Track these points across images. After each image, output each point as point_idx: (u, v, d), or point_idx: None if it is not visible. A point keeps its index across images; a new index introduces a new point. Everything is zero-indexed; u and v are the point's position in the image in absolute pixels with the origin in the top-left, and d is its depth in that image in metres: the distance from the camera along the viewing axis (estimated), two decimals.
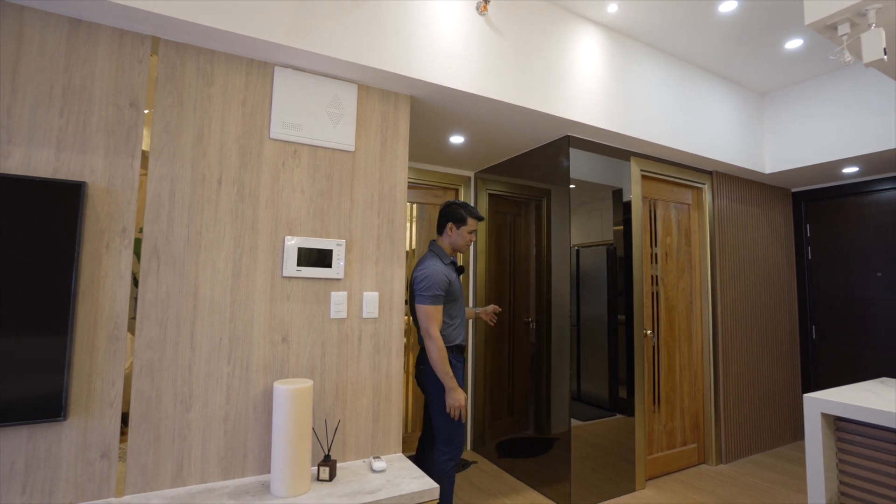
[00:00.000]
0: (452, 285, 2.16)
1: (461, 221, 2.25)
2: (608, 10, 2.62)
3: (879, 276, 3.58)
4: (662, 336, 3.28)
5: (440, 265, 2.13)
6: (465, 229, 2.25)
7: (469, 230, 2.26)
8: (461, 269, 2.31)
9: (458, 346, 2.20)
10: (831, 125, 3.30)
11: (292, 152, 1.93)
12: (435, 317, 2.06)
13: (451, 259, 2.23)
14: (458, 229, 2.25)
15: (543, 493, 2.82)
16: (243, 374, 1.77)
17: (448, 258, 2.21)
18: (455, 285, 2.18)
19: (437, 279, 2.08)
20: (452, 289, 2.16)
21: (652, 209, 3.31)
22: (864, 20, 1.71)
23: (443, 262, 2.16)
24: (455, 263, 2.27)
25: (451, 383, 2.03)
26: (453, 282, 2.17)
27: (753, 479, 3.14)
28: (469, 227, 2.26)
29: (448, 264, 2.19)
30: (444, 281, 2.09)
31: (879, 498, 1.54)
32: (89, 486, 1.51)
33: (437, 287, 2.07)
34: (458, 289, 2.21)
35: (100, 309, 1.56)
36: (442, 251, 2.23)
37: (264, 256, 1.84)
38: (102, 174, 1.60)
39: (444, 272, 2.11)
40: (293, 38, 1.79)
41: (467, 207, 2.26)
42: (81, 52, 1.59)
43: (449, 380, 2.03)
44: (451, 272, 2.18)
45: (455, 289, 2.18)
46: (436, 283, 2.07)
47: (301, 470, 1.62)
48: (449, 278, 2.13)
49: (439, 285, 2.07)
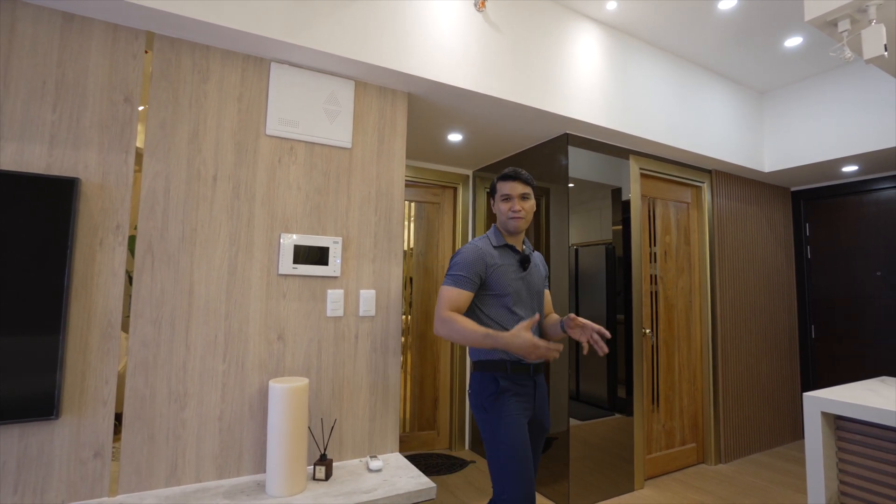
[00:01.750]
0: (496, 271, 1.66)
1: (493, 192, 1.78)
2: (607, 7, 2.61)
3: (879, 274, 3.57)
4: (661, 335, 3.27)
5: (480, 244, 1.68)
6: (499, 199, 1.74)
7: (501, 196, 1.73)
8: (525, 258, 1.71)
9: (515, 363, 1.62)
10: (831, 124, 3.29)
11: (288, 149, 1.91)
12: (452, 300, 1.58)
13: (505, 244, 1.72)
14: (495, 201, 1.77)
15: (542, 493, 2.81)
16: (238, 372, 1.76)
17: (500, 240, 1.72)
18: (505, 274, 1.67)
19: (466, 258, 1.63)
20: (497, 276, 1.65)
21: (651, 208, 3.30)
22: (865, 16, 1.70)
23: (490, 244, 1.71)
24: (513, 249, 1.73)
25: (493, 340, 1.46)
26: (499, 267, 1.67)
27: (753, 478, 3.13)
28: (500, 194, 1.73)
29: (500, 247, 1.71)
30: (477, 262, 1.63)
31: (880, 497, 1.53)
32: (82, 486, 1.49)
33: (464, 267, 1.62)
34: (511, 280, 1.67)
35: (93, 306, 1.55)
36: (497, 233, 1.74)
37: (260, 254, 1.83)
38: (96, 170, 1.58)
39: (481, 252, 1.65)
40: (290, 34, 1.78)
41: (500, 173, 1.78)
42: (75, 46, 1.57)
43: (489, 339, 1.46)
44: (499, 256, 1.69)
45: (504, 279, 1.66)
46: (462, 262, 1.63)
47: (296, 469, 1.61)
48: (488, 261, 1.65)
49: (467, 265, 1.62)
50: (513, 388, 1.60)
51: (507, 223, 1.71)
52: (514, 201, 1.70)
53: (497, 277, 1.65)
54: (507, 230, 1.73)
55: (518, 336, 1.42)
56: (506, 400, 1.58)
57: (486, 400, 1.59)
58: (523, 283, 1.70)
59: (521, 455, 1.50)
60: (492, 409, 1.57)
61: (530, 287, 1.73)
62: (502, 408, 1.57)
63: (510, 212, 1.69)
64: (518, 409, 1.59)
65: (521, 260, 1.71)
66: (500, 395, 1.58)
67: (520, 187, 1.70)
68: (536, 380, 1.67)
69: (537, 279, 1.77)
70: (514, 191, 1.70)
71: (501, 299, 1.66)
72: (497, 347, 1.45)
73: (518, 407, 1.59)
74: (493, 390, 1.59)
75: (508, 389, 1.59)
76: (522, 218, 1.70)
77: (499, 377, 1.60)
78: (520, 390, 1.61)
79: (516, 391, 1.61)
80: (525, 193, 1.71)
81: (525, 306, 1.69)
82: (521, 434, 1.54)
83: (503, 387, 1.59)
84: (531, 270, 1.74)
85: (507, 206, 1.70)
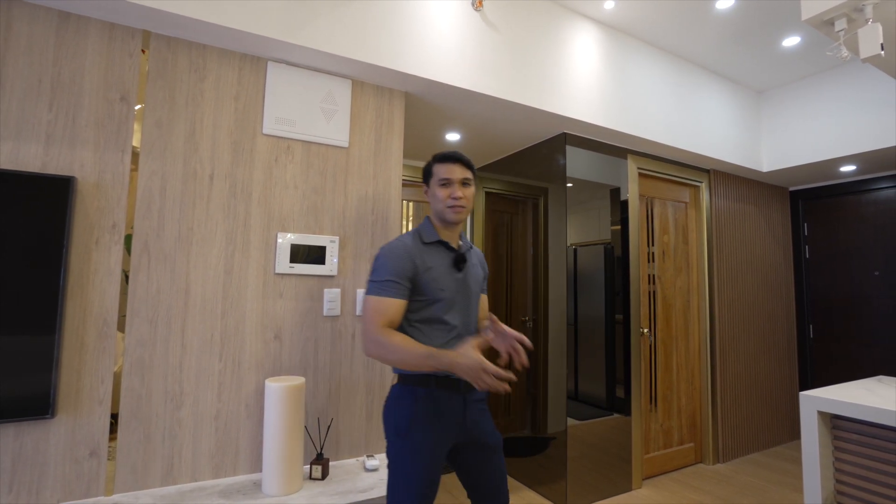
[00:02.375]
0: (427, 273, 1.38)
1: (428, 175, 1.50)
2: (605, 6, 2.61)
3: (877, 274, 3.58)
4: (659, 335, 3.27)
5: (407, 241, 1.41)
6: (435, 183, 1.46)
7: (439, 181, 1.44)
8: (461, 257, 1.45)
9: (441, 379, 1.36)
10: (829, 123, 3.29)
11: (285, 148, 1.91)
12: (382, 314, 1.30)
13: (439, 239, 1.45)
14: (430, 186, 1.49)
15: (540, 493, 2.81)
16: (235, 371, 1.76)
17: (433, 235, 1.45)
18: (437, 276, 1.40)
19: (392, 259, 1.35)
20: (428, 279, 1.38)
21: (649, 207, 3.30)
22: (862, 15, 1.70)
23: (420, 240, 1.44)
24: (448, 246, 1.46)
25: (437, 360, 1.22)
26: (431, 269, 1.39)
27: (750, 478, 3.13)
28: (437, 178, 1.45)
29: (430, 243, 1.44)
30: (405, 263, 1.35)
31: (876, 496, 1.53)
32: (77, 485, 1.49)
33: (390, 270, 1.33)
34: (445, 284, 1.41)
35: (89, 305, 1.54)
36: (427, 226, 1.48)
37: (257, 253, 1.83)
38: (92, 169, 1.58)
39: (409, 251, 1.38)
40: (286, 34, 1.77)
41: (437, 154, 1.50)
42: (71, 45, 1.57)
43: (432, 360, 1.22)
44: (431, 255, 1.42)
45: (437, 282, 1.39)
46: (387, 265, 1.34)
47: (293, 468, 1.61)
48: (418, 262, 1.37)
49: (394, 268, 1.34)
50: (434, 409, 1.34)
51: (444, 213, 1.44)
52: (455, 187, 1.43)
53: (428, 281, 1.38)
54: (444, 221, 1.46)
55: (466, 356, 1.18)
56: (422, 428, 1.32)
57: (400, 421, 1.33)
58: (458, 287, 1.44)
59: (424, 494, 1.30)
60: (406, 435, 1.31)
61: (466, 291, 1.46)
62: (416, 437, 1.31)
63: (450, 199, 1.42)
64: (437, 438, 1.33)
65: (455, 259, 1.45)
66: (415, 421, 1.32)
67: (461, 171, 1.45)
68: (467, 397, 1.40)
69: (475, 281, 1.50)
70: (454, 174, 1.43)
71: (431, 306, 1.39)
72: (442, 368, 1.22)
73: (437, 437, 1.33)
74: (408, 413, 1.33)
75: (428, 413, 1.33)
76: (464, 207, 1.44)
77: (419, 395, 1.34)
78: (443, 412, 1.35)
79: (438, 413, 1.34)
80: (466, 179, 1.45)
81: (458, 313, 1.43)
82: (432, 473, 1.31)
83: (422, 410, 1.33)
84: (468, 271, 1.48)
85: (446, 193, 1.43)
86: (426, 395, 1.34)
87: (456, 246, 1.50)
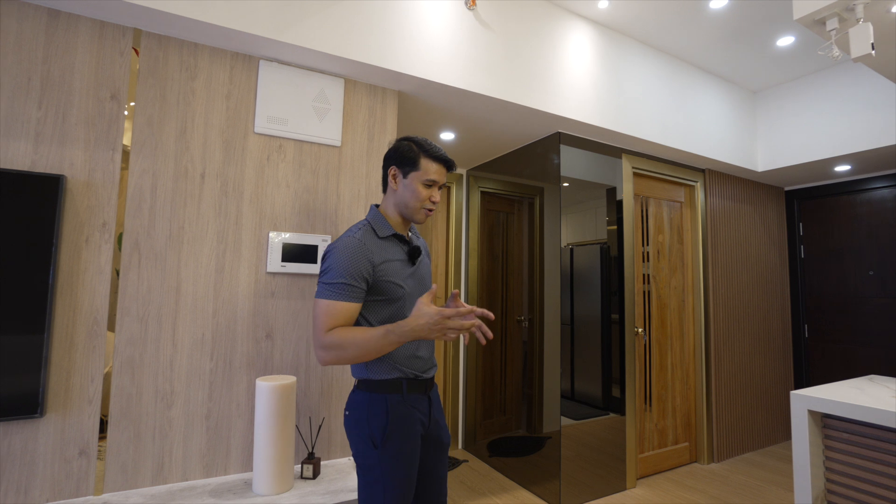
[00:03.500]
0: (384, 270, 1.30)
1: (410, 165, 1.36)
2: (599, 5, 2.61)
3: (871, 274, 3.58)
4: (654, 334, 3.27)
5: (360, 237, 1.29)
6: (419, 178, 1.35)
7: (425, 180, 1.35)
8: (415, 250, 1.38)
9: (412, 381, 1.32)
10: (824, 123, 3.30)
11: (277, 147, 1.91)
12: (333, 318, 1.22)
13: (394, 232, 1.37)
14: (407, 177, 1.36)
15: (534, 492, 2.81)
16: (226, 370, 1.75)
17: (387, 229, 1.35)
18: (395, 272, 1.32)
19: (345, 257, 1.24)
20: (386, 277, 1.29)
21: (644, 207, 3.30)
22: (853, 15, 1.70)
23: (374, 234, 1.33)
24: (402, 239, 1.38)
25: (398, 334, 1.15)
26: (387, 264, 1.31)
27: (745, 477, 3.13)
28: (424, 176, 1.35)
29: (386, 238, 1.35)
30: (360, 261, 1.25)
31: (866, 495, 1.53)
32: (67, 484, 1.49)
33: (343, 270, 1.23)
34: (403, 279, 1.33)
35: (79, 304, 1.54)
36: (380, 218, 1.37)
37: (248, 252, 1.82)
38: (82, 168, 1.57)
39: (364, 248, 1.27)
40: (278, 32, 1.77)
41: (425, 144, 1.37)
42: (60, 43, 1.57)
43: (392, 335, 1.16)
44: (386, 250, 1.33)
45: (395, 279, 1.31)
46: (340, 264, 1.23)
47: (283, 468, 1.60)
48: (373, 260, 1.28)
49: (347, 267, 1.23)
50: (408, 413, 1.30)
51: (416, 212, 1.37)
52: (435, 189, 1.38)
53: (386, 279, 1.30)
54: (409, 218, 1.39)
55: (421, 314, 1.13)
56: (399, 437, 1.27)
57: (375, 432, 1.25)
58: (415, 281, 1.38)
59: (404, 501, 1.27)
60: (384, 447, 1.25)
61: (422, 283, 1.42)
62: (394, 447, 1.25)
63: (430, 202, 1.37)
64: (413, 444, 1.29)
65: (409, 252, 1.38)
66: (392, 431, 1.26)
67: (446, 175, 1.41)
68: (431, 396, 1.39)
69: (426, 273, 1.46)
70: (440, 178, 1.38)
71: (391, 305, 1.31)
72: (405, 340, 1.16)
73: (413, 443, 1.29)
74: (383, 423, 1.26)
75: (403, 420, 1.28)
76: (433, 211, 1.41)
77: (392, 402, 1.28)
78: (415, 414, 1.31)
79: (412, 419, 1.30)
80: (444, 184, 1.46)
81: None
82: (411, 478, 1.28)
83: (398, 418, 1.28)
84: (420, 263, 1.43)
85: (427, 194, 1.36)
86: (399, 401, 1.29)
87: (407, 237, 1.42)
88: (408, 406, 1.30)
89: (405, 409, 1.30)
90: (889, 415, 1.44)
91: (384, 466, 1.25)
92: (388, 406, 1.28)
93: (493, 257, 3.51)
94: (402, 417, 1.28)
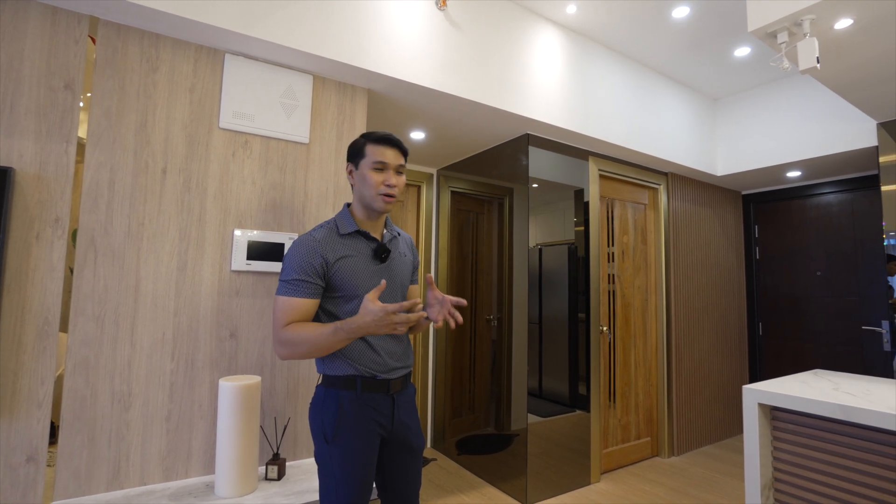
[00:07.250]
0: (341, 266, 1.30)
1: (359, 155, 1.36)
2: (567, 10, 2.67)
3: (819, 274, 3.79)
4: (618, 333, 3.37)
5: (317, 235, 1.32)
6: (367, 164, 1.34)
7: (373, 163, 1.33)
8: (382, 248, 1.37)
9: (367, 380, 1.30)
10: (778, 131, 3.47)
11: (243, 143, 1.87)
12: (289, 314, 1.24)
13: (357, 229, 1.35)
14: (359, 168, 1.36)
15: (502, 489, 2.85)
16: (188, 371, 1.71)
17: (350, 225, 1.35)
18: (354, 269, 1.32)
19: (297, 256, 1.27)
20: (343, 273, 1.30)
21: (609, 208, 3.39)
22: (801, 30, 1.80)
23: (336, 231, 1.34)
24: (367, 236, 1.37)
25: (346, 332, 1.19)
26: (345, 260, 1.31)
27: (702, 469, 3.26)
28: (371, 159, 1.33)
29: (348, 235, 1.34)
30: (312, 258, 1.27)
31: (809, 482, 1.63)
32: (12, 493, 1.42)
33: (297, 267, 1.26)
34: (365, 277, 1.33)
35: (28, 303, 1.47)
36: (346, 215, 1.37)
37: (212, 249, 1.78)
38: (32, 160, 1.50)
39: (317, 245, 1.29)
40: (245, 26, 1.74)
41: (370, 133, 1.38)
42: (8, 28, 1.49)
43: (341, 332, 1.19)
44: (346, 246, 1.33)
45: (354, 276, 1.31)
46: (293, 262, 1.27)
47: (247, 469, 1.57)
48: (327, 255, 1.29)
49: (300, 265, 1.26)
50: (361, 413, 1.28)
51: (374, 200, 1.34)
52: (390, 173, 1.34)
53: (344, 274, 1.30)
54: (371, 209, 1.36)
55: (367, 312, 1.15)
56: (350, 434, 1.26)
57: (327, 427, 1.27)
58: (385, 277, 1.36)
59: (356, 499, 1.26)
60: (333, 441, 1.25)
61: (392, 282, 1.39)
62: (344, 443, 1.25)
63: (384, 186, 1.32)
64: (365, 442, 1.28)
65: (376, 250, 1.36)
66: (342, 427, 1.26)
67: (396, 156, 1.36)
68: (396, 398, 1.35)
69: (401, 270, 1.43)
70: (389, 159, 1.34)
71: (349, 303, 1.31)
72: (355, 336, 1.20)
73: (365, 441, 1.28)
74: (334, 419, 1.26)
75: (356, 417, 1.27)
76: (395, 197, 1.35)
77: (345, 399, 1.28)
78: (370, 414, 1.29)
79: (366, 417, 1.29)
80: (401, 166, 1.37)
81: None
82: (363, 476, 1.27)
83: (349, 415, 1.27)
84: (393, 260, 1.41)
85: (379, 178, 1.32)
86: (352, 398, 1.29)
87: (379, 235, 1.41)
88: (362, 405, 1.29)
89: (358, 407, 1.29)
90: (829, 406, 1.53)
91: (334, 461, 1.25)
92: (340, 402, 1.28)
93: (462, 257, 3.54)
94: (354, 415, 1.28)
